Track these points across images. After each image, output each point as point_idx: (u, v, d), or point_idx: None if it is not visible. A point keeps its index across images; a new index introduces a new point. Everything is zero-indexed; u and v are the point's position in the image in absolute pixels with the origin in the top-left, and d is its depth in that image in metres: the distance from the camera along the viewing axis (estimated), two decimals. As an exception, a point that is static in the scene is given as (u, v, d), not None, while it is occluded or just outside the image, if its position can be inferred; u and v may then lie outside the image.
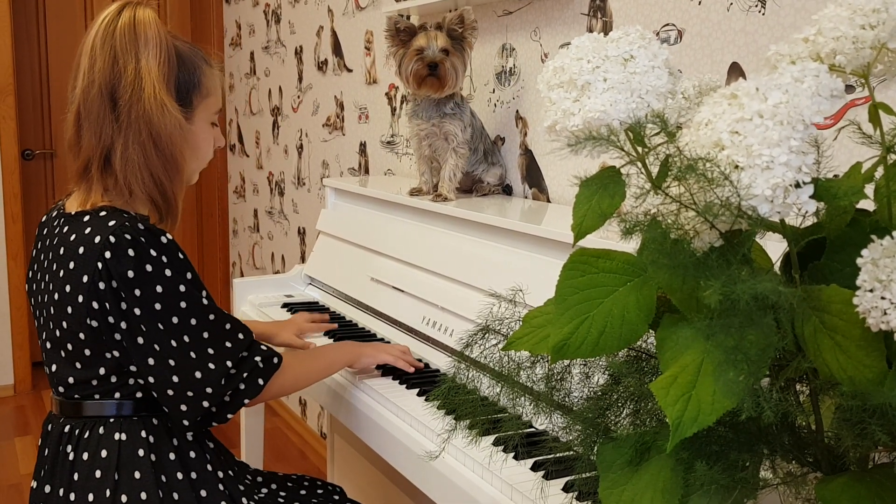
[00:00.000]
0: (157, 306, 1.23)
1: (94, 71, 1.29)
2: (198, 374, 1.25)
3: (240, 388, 1.29)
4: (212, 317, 1.28)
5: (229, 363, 1.27)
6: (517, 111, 2.00)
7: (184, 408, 1.26)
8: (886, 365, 0.61)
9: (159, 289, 1.23)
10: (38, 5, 4.01)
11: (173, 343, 1.24)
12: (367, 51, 2.72)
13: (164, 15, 4.12)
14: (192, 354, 1.25)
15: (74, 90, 1.32)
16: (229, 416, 1.30)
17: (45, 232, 1.36)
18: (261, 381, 1.31)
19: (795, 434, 0.71)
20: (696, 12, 1.52)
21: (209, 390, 1.26)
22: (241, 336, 1.31)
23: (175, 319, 1.24)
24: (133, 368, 1.28)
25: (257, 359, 1.31)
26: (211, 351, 1.27)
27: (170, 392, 1.25)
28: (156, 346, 1.24)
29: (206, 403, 1.26)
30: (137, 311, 1.23)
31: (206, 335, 1.27)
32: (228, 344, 1.29)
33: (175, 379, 1.25)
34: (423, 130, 1.90)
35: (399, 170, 2.59)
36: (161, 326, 1.24)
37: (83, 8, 4.09)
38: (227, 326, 1.30)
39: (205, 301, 1.28)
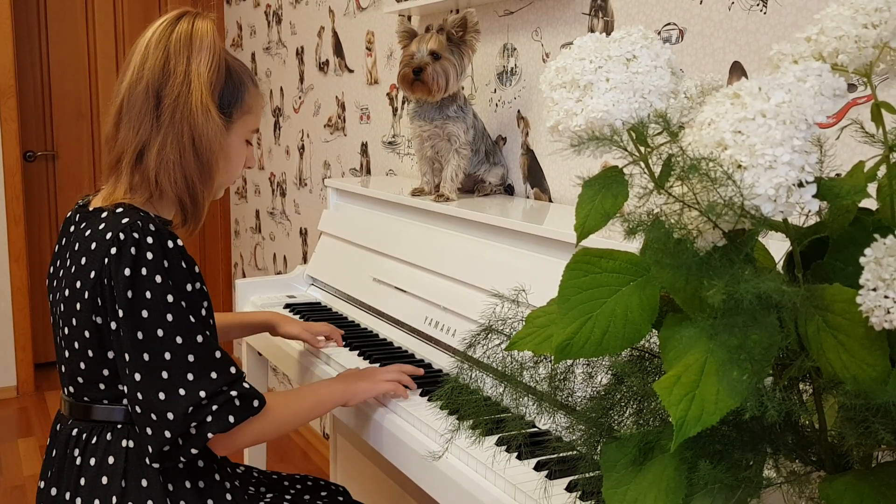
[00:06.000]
0: (144, 313, 1.19)
1: (144, 68, 1.29)
2: (161, 396, 1.18)
3: (206, 420, 1.20)
4: (200, 339, 1.22)
5: (203, 393, 1.20)
6: (518, 111, 2.00)
7: (149, 431, 1.20)
8: (889, 364, 0.61)
9: (148, 294, 1.20)
10: (39, 7, 4.01)
11: (145, 357, 1.19)
12: (369, 51, 2.72)
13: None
14: (164, 374, 1.19)
15: (121, 84, 1.32)
16: (193, 450, 1.22)
17: (69, 229, 1.36)
18: (231, 419, 1.21)
19: (799, 433, 0.71)
20: (697, 11, 1.53)
21: (170, 416, 1.18)
22: (231, 370, 1.24)
23: (160, 332, 1.19)
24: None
25: (234, 394, 1.22)
26: (190, 377, 1.20)
27: (137, 409, 1.20)
28: (127, 356, 1.20)
29: (167, 434, 1.19)
30: (121, 314, 1.20)
31: (191, 358, 1.21)
32: (213, 374, 1.22)
33: (139, 395, 1.20)
34: (425, 132, 1.90)
35: (400, 170, 2.59)
36: (140, 336, 1.19)
37: (84, 10, 4.10)
38: (217, 354, 1.24)
39: (192, 319, 1.22)
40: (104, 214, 1.28)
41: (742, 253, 0.65)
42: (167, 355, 1.20)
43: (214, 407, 1.21)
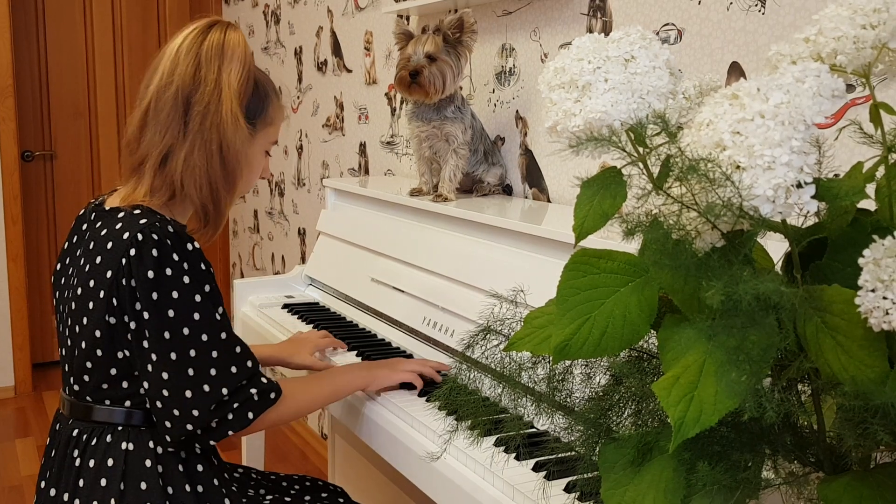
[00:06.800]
0: (171, 313, 1.22)
1: (175, 74, 1.31)
2: (188, 394, 1.23)
3: (227, 417, 1.26)
4: (223, 335, 1.26)
5: (225, 390, 1.25)
6: (517, 111, 2.00)
7: (168, 424, 1.24)
8: (888, 365, 0.61)
9: (175, 295, 1.22)
10: (37, 7, 4.01)
11: (173, 355, 1.22)
12: (367, 51, 2.72)
13: (163, 15, 4.12)
14: (190, 371, 1.23)
15: (147, 88, 1.33)
16: (212, 441, 1.28)
17: (82, 227, 1.37)
18: (250, 415, 1.27)
19: (797, 434, 0.71)
20: (695, 12, 1.53)
21: (195, 413, 1.23)
22: (248, 364, 1.29)
23: (186, 331, 1.23)
24: (136, 373, 1.27)
25: (253, 391, 1.28)
26: (213, 372, 1.24)
27: (158, 404, 1.24)
28: (153, 355, 1.22)
29: (189, 427, 1.24)
30: (147, 315, 1.22)
31: (214, 354, 1.25)
32: (234, 369, 1.26)
33: (165, 392, 1.23)
34: (423, 132, 1.90)
35: (399, 170, 2.59)
36: (167, 335, 1.22)
37: (83, 10, 4.09)
38: (237, 350, 1.28)
39: (217, 317, 1.26)
40: (121, 214, 1.29)
41: (741, 254, 0.65)
42: (192, 352, 1.23)
43: (235, 405, 1.26)
